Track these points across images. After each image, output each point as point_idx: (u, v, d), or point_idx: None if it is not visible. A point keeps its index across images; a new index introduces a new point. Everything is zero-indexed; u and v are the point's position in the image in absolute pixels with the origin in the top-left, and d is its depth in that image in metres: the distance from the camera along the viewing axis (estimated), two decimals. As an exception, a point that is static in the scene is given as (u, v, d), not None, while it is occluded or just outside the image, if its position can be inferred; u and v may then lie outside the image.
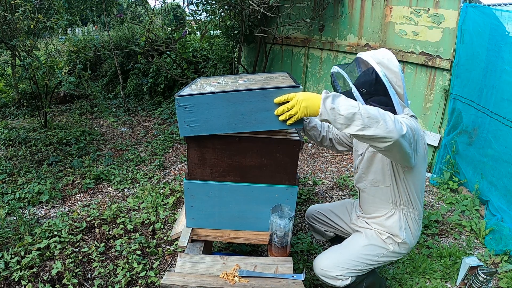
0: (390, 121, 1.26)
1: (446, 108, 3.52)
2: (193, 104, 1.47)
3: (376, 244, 1.73)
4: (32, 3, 3.88)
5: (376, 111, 1.27)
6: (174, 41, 4.93)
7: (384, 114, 1.28)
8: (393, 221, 1.71)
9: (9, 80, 4.82)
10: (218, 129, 1.52)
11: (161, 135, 4.55)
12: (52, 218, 2.72)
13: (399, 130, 1.26)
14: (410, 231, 1.72)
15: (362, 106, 1.28)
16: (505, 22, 2.91)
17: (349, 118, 1.27)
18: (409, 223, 1.71)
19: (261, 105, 1.45)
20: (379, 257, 1.72)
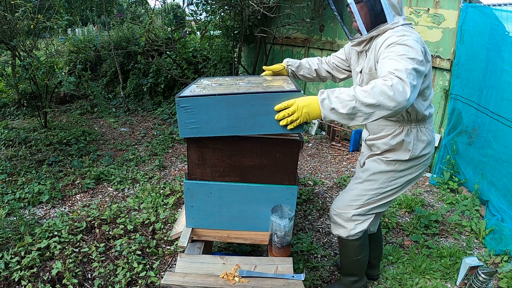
0: (389, 98, 1.22)
1: (446, 108, 3.52)
2: (193, 105, 1.47)
3: (382, 170, 1.69)
4: (32, 3, 3.88)
5: (372, 96, 1.23)
6: (174, 41, 4.93)
7: (382, 93, 1.23)
8: (400, 138, 1.64)
9: (9, 80, 4.82)
10: (218, 131, 1.52)
11: (161, 135, 4.55)
12: (52, 218, 2.72)
13: (403, 98, 1.23)
14: (419, 143, 1.65)
15: (358, 96, 1.25)
16: (505, 22, 2.91)
17: (350, 113, 1.27)
18: (418, 135, 1.64)
19: (262, 109, 1.45)
20: (389, 181, 1.70)
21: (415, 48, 1.36)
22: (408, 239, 2.64)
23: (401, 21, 1.52)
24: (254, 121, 1.49)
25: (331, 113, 1.30)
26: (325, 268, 2.30)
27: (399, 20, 1.52)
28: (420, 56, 1.35)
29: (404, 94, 1.23)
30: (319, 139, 4.68)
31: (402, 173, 1.69)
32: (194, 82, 1.93)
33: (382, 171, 1.70)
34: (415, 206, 3.01)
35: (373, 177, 1.72)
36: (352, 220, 1.77)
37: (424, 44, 1.48)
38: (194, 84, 1.86)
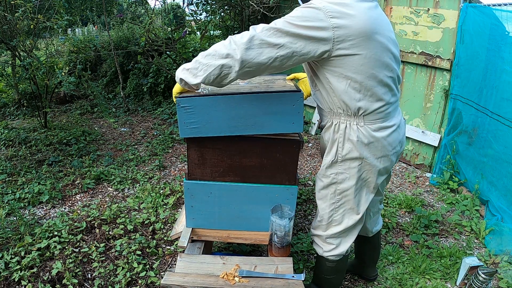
0: (224, 46, 1.28)
1: (446, 108, 3.52)
2: (194, 105, 1.48)
3: (323, 186, 1.59)
4: (32, 3, 3.88)
5: (212, 47, 1.31)
6: (174, 41, 4.93)
7: (221, 43, 1.29)
8: (330, 134, 1.50)
9: (9, 80, 4.82)
10: (218, 131, 1.54)
11: (161, 135, 4.55)
12: (52, 218, 2.72)
13: (236, 45, 1.25)
14: (346, 143, 1.46)
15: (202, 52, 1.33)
16: (505, 22, 2.91)
17: (193, 67, 1.35)
18: (347, 133, 1.44)
19: (262, 109, 1.47)
20: (337, 194, 1.56)
21: (304, 15, 1.25)
22: (408, 239, 2.64)
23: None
24: (254, 121, 1.51)
25: (181, 73, 1.37)
26: (325, 268, 2.30)
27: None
28: (304, 20, 1.24)
29: (239, 41, 1.24)
30: (319, 139, 4.68)
31: (345, 184, 1.53)
32: None
33: (323, 187, 1.61)
34: (415, 206, 3.01)
35: (321, 195, 1.64)
36: (327, 243, 1.69)
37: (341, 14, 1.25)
38: None
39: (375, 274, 2.18)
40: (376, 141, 1.44)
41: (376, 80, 1.36)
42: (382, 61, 1.34)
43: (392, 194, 3.31)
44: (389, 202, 3.11)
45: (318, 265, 1.81)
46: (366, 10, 1.30)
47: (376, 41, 1.30)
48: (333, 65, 1.33)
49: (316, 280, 1.89)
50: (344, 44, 1.27)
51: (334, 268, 1.75)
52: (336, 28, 1.25)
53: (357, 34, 1.26)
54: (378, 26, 1.31)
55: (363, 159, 1.47)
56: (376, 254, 2.10)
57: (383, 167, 1.52)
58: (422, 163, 3.84)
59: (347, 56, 1.29)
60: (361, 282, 2.19)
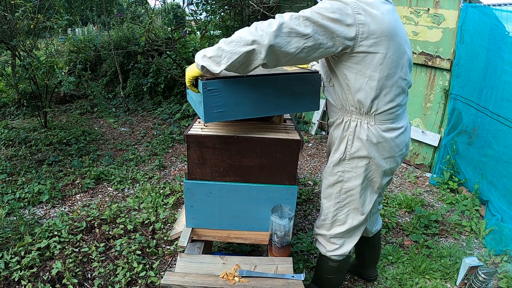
0: (250, 32, 1.23)
1: (446, 108, 3.52)
2: (220, 88, 1.40)
3: (330, 184, 1.60)
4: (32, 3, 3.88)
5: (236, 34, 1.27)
6: (174, 41, 4.93)
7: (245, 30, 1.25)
8: (340, 131, 1.50)
9: (9, 80, 4.82)
10: (243, 114, 1.50)
11: (161, 135, 4.55)
12: (52, 218, 2.72)
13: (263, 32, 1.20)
14: (356, 141, 1.46)
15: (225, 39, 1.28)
16: (505, 22, 2.91)
17: (215, 55, 1.28)
18: (357, 131, 1.45)
19: (285, 89, 1.48)
20: (342, 193, 1.58)
21: (334, 7, 1.25)
22: (408, 239, 2.64)
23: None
24: (277, 102, 1.53)
25: (202, 60, 1.31)
26: (325, 268, 2.30)
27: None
28: (331, 12, 1.23)
29: (267, 28, 1.20)
30: (319, 139, 4.68)
31: (351, 182, 1.54)
32: None
33: (329, 185, 1.61)
34: (415, 206, 3.01)
35: (325, 193, 1.65)
36: (331, 242, 1.70)
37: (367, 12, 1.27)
38: None
39: (375, 274, 2.19)
40: (384, 141, 1.45)
41: (392, 81, 1.37)
42: (399, 62, 1.36)
43: (392, 194, 3.31)
44: (389, 202, 3.11)
45: (320, 264, 1.81)
46: (388, 11, 1.32)
47: (396, 42, 1.32)
48: (353, 62, 1.33)
49: (316, 280, 1.90)
50: (367, 41, 1.28)
51: (336, 268, 1.76)
52: (361, 24, 1.26)
53: (379, 32, 1.28)
54: (398, 28, 1.34)
55: (371, 159, 1.48)
56: (376, 255, 2.10)
57: (389, 168, 1.53)
58: (422, 163, 3.84)
59: (368, 53, 1.30)
60: (361, 282, 2.19)
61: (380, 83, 1.35)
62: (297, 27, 1.22)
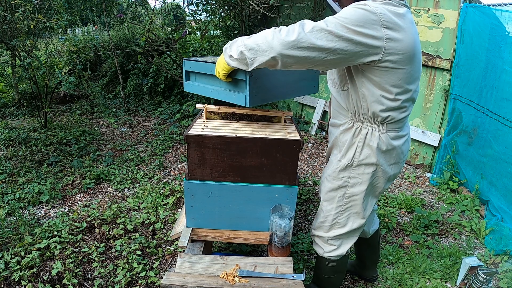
0: (267, 41, 1.23)
1: (446, 108, 3.52)
2: (261, 75, 1.54)
3: (333, 188, 1.58)
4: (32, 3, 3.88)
5: (253, 39, 1.28)
6: (174, 41, 4.93)
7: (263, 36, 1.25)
8: (348, 136, 1.48)
9: (9, 80, 4.82)
10: (273, 97, 1.69)
11: (161, 135, 4.55)
12: (52, 218, 2.72)
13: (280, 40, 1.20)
14: (365, 148, 1.45)
15: (244, 40, 1.32)
16: (505, 22, 2.91)
17: (240, 58, 1.33)
18: (367, 138, 1.44)
19: (300, 76, 1.67)
20: (345, 198, 1.56)
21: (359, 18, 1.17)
22: (408, 239, 2.64)
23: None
24: (296, 87, 1.76)
25: (230, 60, 1.39)
26: (325, 268, 2.30)
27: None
28: (357, 25, 1.17)
29: (285, 37, 1.18)
30: (319, 139, 4.68)
31: (355, 188, 1.53)
32: None
33: (332, 189, 1.59)
34: (415, 206, 3.01)
35: (327, 196, 1.63)
36: (329, 244, 1.69)
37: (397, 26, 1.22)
38: None
39: (375, 275, 2.18)
40: (392, 149, 1.46)
41: (408, 95, 1.36)
42: (416, 77, 1.36)
43: (392, 194, 3.31)
44: (389, 202, 3.11)
45: (318, 265, 1.81)
46: (412, 24, 1.29)
47: (417, 59, 1.32)
48: (374, 74, 1.30)
49: (316, 280, 1.89)
50: (392, 57, 1.24)
51: (334, 268, 1.76)
52: (388, 39, 1.21)
53: (405, 49, 1.24)
54: (419, 44, 1.33)
55: (378, 166, 1.47)
56: (375, 255, 2.09)
57: (393, 174, 1.54)
58: (422, 163, 3.84)
59: (391, 69, 1.27)
60: (361, 282, 2.19)
61: (397, 96, 1.34)
62: (318, 41, 1.17)
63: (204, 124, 1.86)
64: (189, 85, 1.88)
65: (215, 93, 1.71)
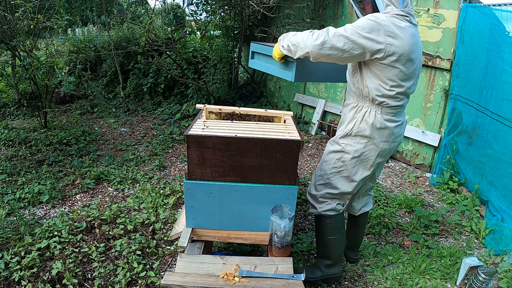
0: (303, 42, 1.68)
1: (446, 108, 3.52)
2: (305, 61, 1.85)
3: (332, 150, 1.90)
4: (32, 3, 3.88)
5: (296, 38, 1.73)
6: (174, 41, 4.93)
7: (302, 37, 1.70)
8: (353, 112, 1.84)
9: (9, 80, 4.82)
10: (314, 79, 2.04)
11: (161, 135, 4.55)
12: (52, 218, 2.72)
13: (312, 44, 1.65)
14: (363, 122, 1.79)
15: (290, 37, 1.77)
16: (505, 22, 2.91)
17: (287, 49, 1.78)
18: (366, 115, 1.79)
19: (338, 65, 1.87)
20: (340, 161, 1.87)
21: (370, 27, 1.58)
22: (408, 239, 2.64)
23: (394, 10, 1.64)
24: (332, 74, 2.02)
25: (282, 48, 1.81)
26: (325, 268, 2.30)
27: (392, 10, 1.65)
28: (367, 32, 1.58)
29: (315, 41, 1.65)
30: (319, 139, 4.68)
31: (350, 155, 1.84)
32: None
33: (332, 151, 1.90)
34: (415, 206, 3.01)
35: (327, 157, 1.93)
36: (320, 201, 1.96)
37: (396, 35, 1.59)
38: None
39: (356, 257, 2.34)
40: (385, 128, 1.79)
41: (401, 89, 1.71)
42: (410, 76, 1.70)
43: (392, 194, 3.31)
44: (389, 202, 3.12)
45: (319, 228, 2.03)
46: (411, 36, 1.63)
47: (411, 61, 1.66)
48: (376, 68, 1.68)
49: (321, 250, 2.08)
50: (391, 57, 1.62)
51: (333, 226, 1.98)
52: (389, 45, 1.59)
53: (401, 53, 1.61)
54: (416, 49, 1.67)
55: (371, 139, 1.80)
56: (359, 237, 2.28)
57: (382, 149, 1.83)
58: (422, 163, 3.84)
59: (388, 66, 1.65)
60: (361, 282, 2.19)
61: (392, 88, 1.70)
62: (337, 44, 1.61)
63: (204, 124, 1.86)
64: (253, 62, 2.24)
65: (271, 70, 2.07)
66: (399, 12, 1.64)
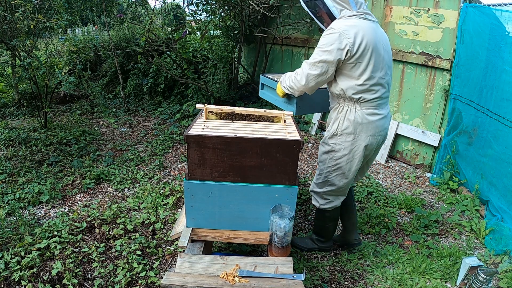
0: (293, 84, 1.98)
1: (446, 108, 3.52)
2: (303, 96, 2.10)
3: (324, 151, 2.05)
4: (32, 3, 3.88)
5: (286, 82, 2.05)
6: (174, 41, 4.93)
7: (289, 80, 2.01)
8: (335, 113, 2.00)
9: (9, 80, 4.82)
10: (312, 110, 2.33)
11: (161, 135, 4.55)
12: (52, 218, 2.72)
13: (300, 84, 1.93)
14: (345, 121, 1.94)
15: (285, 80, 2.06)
16: (505, 22, 2.91)
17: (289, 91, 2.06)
18: (347, 114, 1.93)
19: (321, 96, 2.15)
20: (333, 160, 2.02)
21: (329, 41, 1.77)
22: (408, 239, 2.64)
23: (348, 13, 1.82)
24: (321, 106, 2.25)
25: (284, 89, 2.08)
26: (325, 268, 2.30)
27: (345, 13, 1.83)
28: (328, 47, 1.77)
29: (301, 81, 1.92)
30: (319, 139, 4.68)
31: (340, 153, 1.98)
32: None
33: (324, 152, 2.05)
34: (415, 206, 3.01)
35: (321, 158, 2.09)
36: (324, 198, 2.15)
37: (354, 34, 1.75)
38: None
39: (357, 238, 2.41)
40: (368, 123, 1.91)
41: (374, 81, 1.84)
42: (378, 67, 1.83)
43: (392, 194, 3.31)
44: (389, 202, 3.12)
45: (318, 217, 2.29)
46: (371, 30, 1.79)
47: (376, 53, 1.79)
48: (346, 69, 1.83)
49: (318, 231, 2.36)
50: (356, 55, 1.77)
51: (331, 217, 2.23)
52: (351, 45, 1.75)
53: (364, 47, 1.76)
54: (377, 41, 1.81)
55: (356, 135, 1.93)
56: (353, 217, 2.37)
57: (370, 144, 1.96)
58: (422, 163, 3.84)
59: (356, 63, 1.79)
60: (361, 282, 2.20)
61: (365, 82, 1.83)
62: (315, 72, 1.85)
63: (204, 124, 1.87)
64: (262, 93, 2.50)
65: (277, 102, 2.32)
66: (354, 13, 1.82)
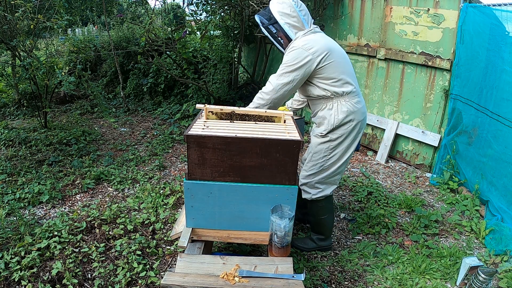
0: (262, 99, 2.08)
1: (446, 108, 3.52)
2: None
3: (320, 142, 2.16)
4: (32, 3, 3.88)
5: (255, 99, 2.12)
6: (174, 41, 4.93)
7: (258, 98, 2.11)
8: (326, 112, 2.13)
9: (9, 80, 4.82)
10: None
11: (161, 135, 4.55)
12: (52, 218, 2.72)
13: (268, 97, 2.06)
14: (340, 113, 2.09)
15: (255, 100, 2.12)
16: (505, 22, 2.91)
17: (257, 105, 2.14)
18: (339, 107, 2.09)
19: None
20: (330, 150, 2.15)
21: (294, 57, 1.99)
22: (408, 239, 2.64)
23: (301, 34, 2.05)
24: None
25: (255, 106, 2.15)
26: (325, 268, 2.30)
27: (299, 35, 2.06)
28: (294, 61, 1.98)
29: (269, 94, 2.06)
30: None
31: (337, 141, 2.13)
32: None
33: (321, 143, 2.16)
34: (415, 206, 3.01)
35: (316, 149, 2.18)
36: (315, 187, 2.23)
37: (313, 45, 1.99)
38: None
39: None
40: (357, 110, 2.12)
41: (346, 73, 2.09)
42: (344, 62, 2.09)
43: (392, 194, 3.31)
44: (389, 202, 3.12)
45: (313, 212, 2.32)
46: (322, 38, 2.07)
47: (336, 52, 2.06)
48: (321, 73, 2.05)
49: (315, 228, 2.41)
50: (323, 60, 2.01)
51: (324, 207, 2.29)
52: (314, 53, 1.98)
53: (324, 51, 2.00)
54: (333, 45, 2.08)
55: (354, 120, 2.11)
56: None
57: (362, 127, 2.19)
58: (422, 163, 3.84)
59: (325, 66, 2.02)
60: (361, 282, 2.20)
61: (341, 76, 2.06)
62: (282, 81, 2.02)
63: (204, 124, 1.86)
64: None
65: None
66: (306, 31, 2.06)
